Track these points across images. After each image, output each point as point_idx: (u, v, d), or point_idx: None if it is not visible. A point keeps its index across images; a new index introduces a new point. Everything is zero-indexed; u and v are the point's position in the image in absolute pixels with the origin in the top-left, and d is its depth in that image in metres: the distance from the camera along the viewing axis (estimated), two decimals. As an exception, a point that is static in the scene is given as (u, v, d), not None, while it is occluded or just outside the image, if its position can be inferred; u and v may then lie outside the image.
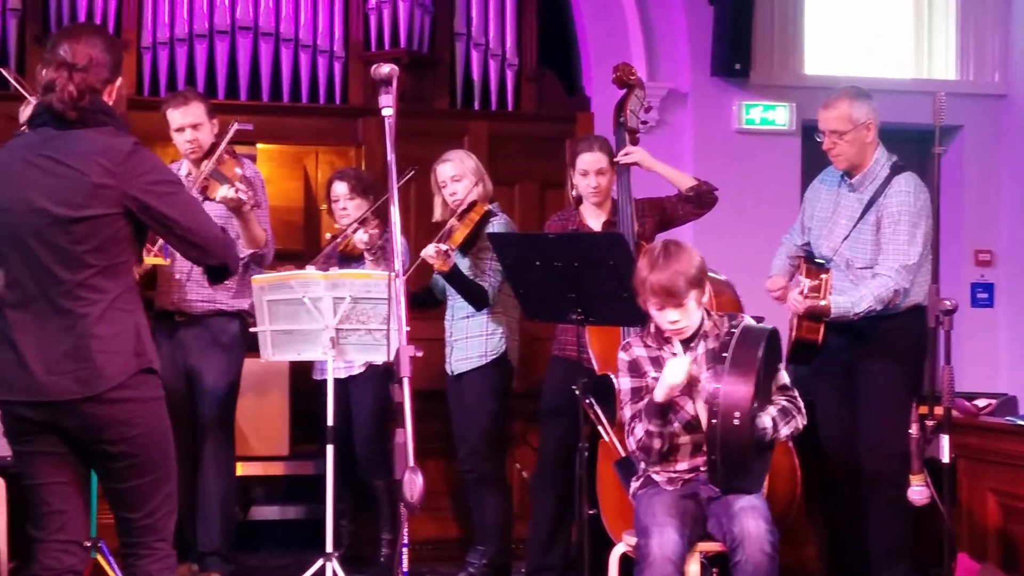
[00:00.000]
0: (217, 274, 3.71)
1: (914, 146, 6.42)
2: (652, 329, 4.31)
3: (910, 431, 4.37)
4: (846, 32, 8.35)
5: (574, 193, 5.50)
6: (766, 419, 4.11)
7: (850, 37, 8.35)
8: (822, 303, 4.89)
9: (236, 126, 5.36)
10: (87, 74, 3.37)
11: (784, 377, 4.30)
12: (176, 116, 5.39)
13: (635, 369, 4.28)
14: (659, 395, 4.11)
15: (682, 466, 4.26)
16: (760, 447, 4.14)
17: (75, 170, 3.32)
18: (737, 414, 3.97)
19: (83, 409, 3.34)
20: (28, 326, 3.37)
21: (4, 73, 5.52)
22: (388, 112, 3.40)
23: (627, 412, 4.26)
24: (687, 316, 4.17)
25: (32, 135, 3.44)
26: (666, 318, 4.16)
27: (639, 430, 4.18)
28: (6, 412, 3.45)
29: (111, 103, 3.47)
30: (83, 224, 3.32)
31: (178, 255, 4.61)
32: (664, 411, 4.14)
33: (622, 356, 4.34)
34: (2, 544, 5.23)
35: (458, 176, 5.55)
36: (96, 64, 3.40)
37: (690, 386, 4.15)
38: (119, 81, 3.51)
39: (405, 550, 3.23)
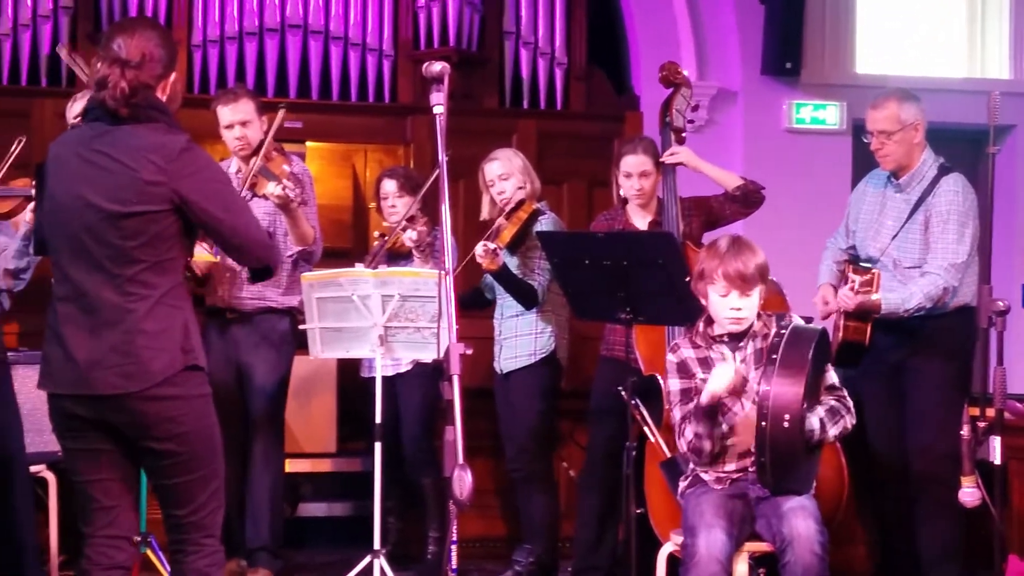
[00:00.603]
0: (259, 273, 3.72)
1: (967, 146, 6.37)
2: (700, 328, 4.29)
3: (961, 432, 4.34)
4: (898, 30, 8.29)
5: (620, 193, 5.49)
6: (814, 420, 4.08)
7: (902, 35, 8.29)
8: (874, 297, 4.88)
9: (283, 112, 5.36)
10: (140, 71, 3.37)
11: (833, 377, 4.27)
12: (226, 113, 5.42)
13: (684, 370, 4.26)
14: (704, 399, 4.10)
15: (730, 467, 4.24)
16: (809, 448, 4.12)
17: (126, 166, 3.33)
18: (787, 416, 3.94)
19: (129, 405, 3.35)
20: (77, 320, 3.38)
21: (71, 58, 5.54)
22: (439, 110, 3.39)
23: (676, 414, 4.25)
24: (750, 307, 4.15)
25: (85, 130, 3.45)
26: (728, 304, 4.14)
27: (689, 432, 4.17)
28: (55, 408, 3.47)
29: (164, 98, 3.47)
30: (133, 220, 3.33)
31: (227, 253, 4.63)
32: (712, 414, 4.13)
33: (670, 358, 4.32)
34: (52, 538, 5.28)
35: (506, 174, 5.54)
36: (149, 60, 3.40)
37: (737, 391, 4.13)
38: (173, 76, 3.51)
39: (454, 547, 3.23)
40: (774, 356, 4.03)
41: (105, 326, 3.35)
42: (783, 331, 4.11)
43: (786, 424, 3.94)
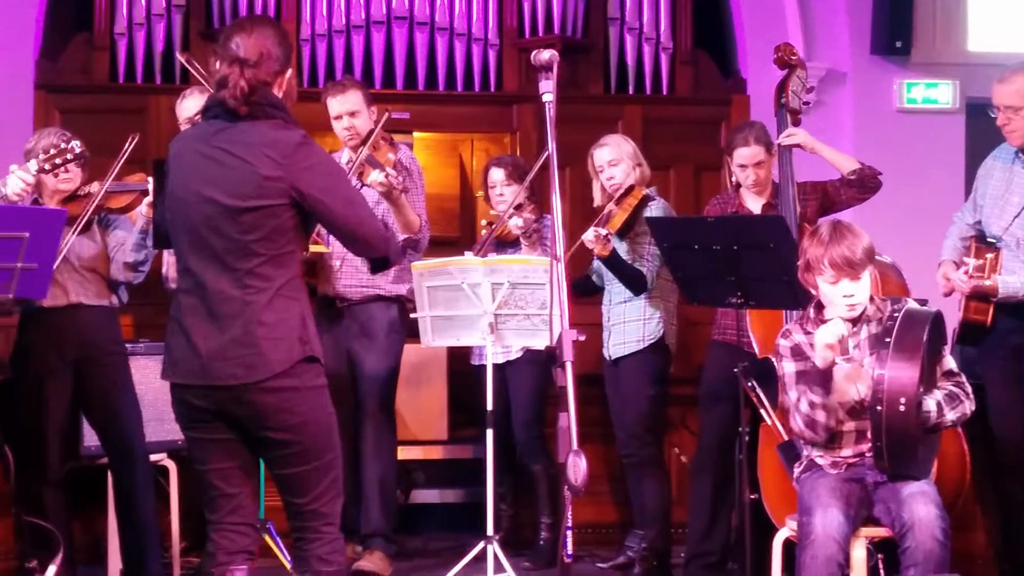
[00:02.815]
0: (378, 264, 3.77)
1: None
2: (811, 314, 4.24)
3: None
4: (1011, 5, 8.09)
5: (732, 179, 5.45)
6: (930, 402, 4.02)
7: (1015, 11, 8.09)
8: (987, 283, 4.78)
9: (387, 115, 5.45)
10: (258, 69, 3.44)
11: (950, 362, 4.20)
12: (335, 104, 5.49)
13: (798, 353, 4.22)
14: (819, 360, 4.04)
15: (846, 452, 4.19)
16: (926, 431, 4.05)
17: (245, 162, 3.40)
18: (902, 400, 3.89)
19: (248, 397, 3.41)
20: (198, 312, 3.45)
21: (192, 65, 5.66)
22: (548, 98, 3.38)
23: (792, 395, 4.20)
24: (862, 291, 4.10)
25: (205, 126, 3.52)
26: (841, 292, 4.08)
27: (804, 405, 4.11)
28: (178, 399, 3.54)
29: (281, 94, 3.53)
30: (251, 214, 3.39)
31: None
32: (826, 379, 4.07)
33: (782, 343, 4.28)
34: (174, 525, 5.39)
35: (615, 160, 5.53)
36: (267, 58, 3.46)
37: (843, 348, 4.07)
38: (289, 73, 3.57)
39: (569, 533, 3.23)
40: (887, 340, 3.98)
41: (225, 318, 3.41)
42: (896, 314, 4.05)
43: (902, 408, 3.89)
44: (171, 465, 5.40)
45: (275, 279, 3.44)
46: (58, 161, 4.67)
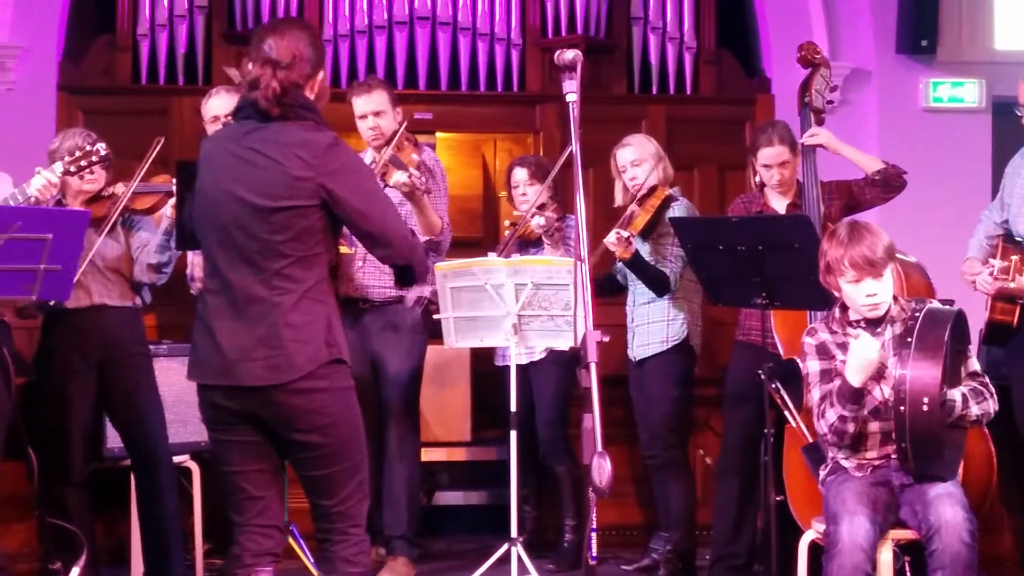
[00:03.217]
0: (405, 277, 3.75)
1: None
2: (836, 314, 4.21)
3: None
4: (1038, 4, 8.05)
5: (757, 179, 5.42)
6: (955, 393, 4.00)
7: (1042, 9, 8.05)
8: (1011, 285, 4.74)
9: (404, 125, 5.44)
10: (290, 71, 3.46)
11: (974, 363, 4.17)
12: (360, 104, 5.48)
13: (823, 352, 4.19)
14: (855, 377, 4.00)
15: (872, 454, 4.15)
16: (951, 426, 4.01)
17: (276, 162, 3.41)
18: (926, 399, 3.86)
19: (275, 398, 3.41)
20: (225, 312, 3.46)
21: (230, 72, 5.68)
22: (572, 98, 3.36)
23: (816, 394, 4.17)
24: (885, 290, 4.06)
25: (236, 127, 3.54)
26: (863, 291, 4.05)
27: (831, 415, 4.08)
28: (204, 399, 3.54)
29: (313, 96, 3.55)
30: (281, 215, 3.40)
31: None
32: (859, 395, 4.03)
33: (808, 340, 4.25)
34: (197, 527, 5.39)
35: (638, 160, 5.51)
36: (299, 60, 3.48)
37: (878, 372, 4.05)
38: (321, 75, 3.58)
39: (594, 535, 3.21)
40: (909, 339, 3.94)
41: (252, 319, 3.42)
42: (917, 314, 4.02)
43: (925, 408, 3.86)
44: (194, 467, 5.40)
45: (303, 281, 3.45)
46: (84, 163, 4.68)
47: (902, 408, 3.89)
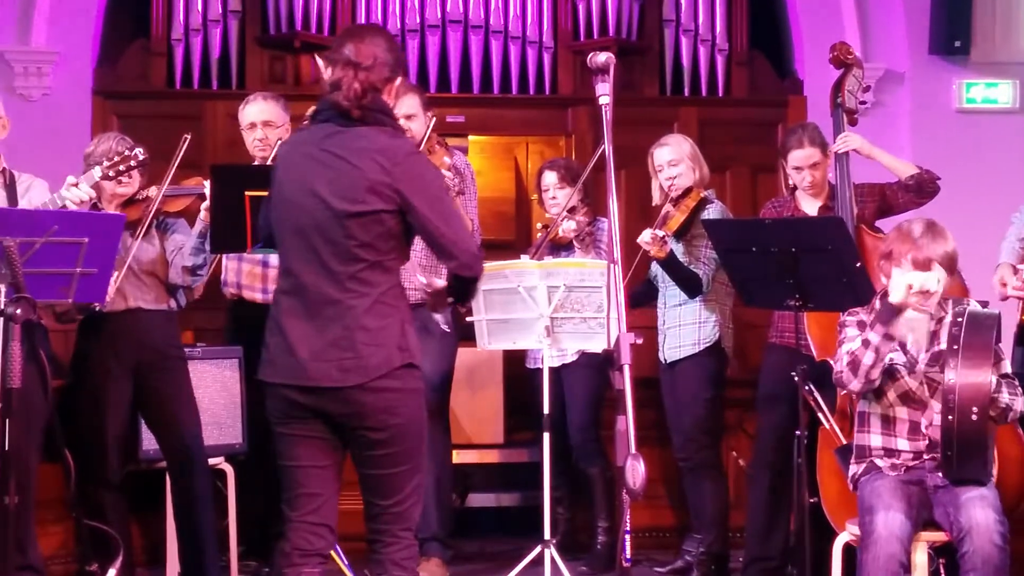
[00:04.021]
0: (462, 290, 3.74)
1: None
2: (876, 306, 4.21)
3: None
4: (1073, 3, 8.00)
5: (789, 182, 5.40)
6: (1005, 396, 4.00)
7: (1077, 9, 8.00)
8: None
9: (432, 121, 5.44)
10: (370, 73, 3.50)
11: (1006, 365, 4.18)
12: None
13: (861, 326, 4.20)
14: (896, 294, 4.01)
15: (902, 445, 4.15)
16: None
17: (354, 166, 3.44)
18: (975, 409, 3.86)
19: (348, 396, 3.44)
20: (298, 313, 3.49)
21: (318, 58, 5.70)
22: (605, 100, 3.38)
23: (844, 347, 4.17)
24: (934, 288, 4.06)
25: (315, 130, 3.57)
26: (912, 280, 4.03)
27: (855, 343, 4.09)
28: (275, 395, 3.56)
29: (390, 101, 3.59)
30: (358, 219, 3.43)
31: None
32: (891, 316, 4.02)
33: (848, 318, 4.28)
34: (231, 529, 5.41)
35: (675, 161, 5.50)
36: (379, 63, 3.52)
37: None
38: (398, 80, 3.62)
39: (628, 537, 3.21)
40: (955, 347, 3.93)
41: (325, 320, 3.45)
42: (960, 318, 4.00)
43: (974, 417, 3.85)
44: (229, 469, 5.42)
45: (377, 285, 3.48)
46: (122, 168, 4.71)
47: (950, 417, 3.88)
